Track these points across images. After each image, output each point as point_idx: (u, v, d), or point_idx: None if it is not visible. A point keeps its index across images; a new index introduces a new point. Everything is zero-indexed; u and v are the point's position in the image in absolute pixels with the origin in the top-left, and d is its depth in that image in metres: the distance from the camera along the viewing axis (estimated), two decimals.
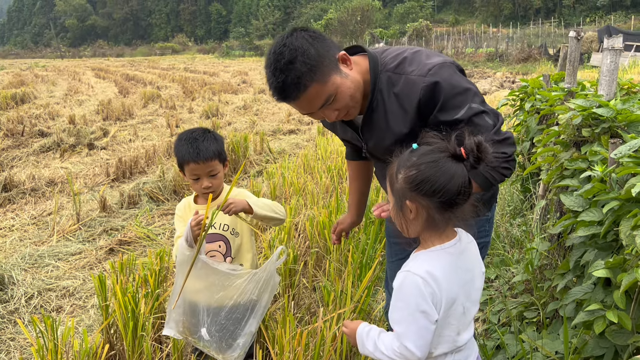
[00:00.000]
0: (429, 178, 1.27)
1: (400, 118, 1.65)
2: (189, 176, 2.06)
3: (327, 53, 1.55)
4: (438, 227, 1.35)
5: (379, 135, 1.74)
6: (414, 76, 1.60)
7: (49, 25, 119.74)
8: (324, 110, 1.60)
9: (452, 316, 1.35)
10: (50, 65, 40.84)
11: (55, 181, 6.34)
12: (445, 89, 1.56)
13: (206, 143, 2.01)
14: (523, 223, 3.57)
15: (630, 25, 42.09)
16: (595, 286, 1.78)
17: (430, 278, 1.30)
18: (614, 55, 2.17)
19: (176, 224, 2.17)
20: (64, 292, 3.64)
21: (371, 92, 1.67)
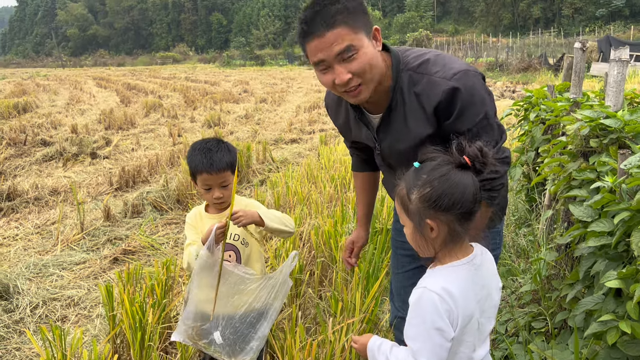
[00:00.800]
0: (444, 192, 1.27)
1: (420, 118, 1.62)
2: (201, 186, 2.07)
3: (368, 16, 1.54)
4: (460, 239, 1.34)
5: (395, 137, 1.70)
6: (438, 77, 1.57)
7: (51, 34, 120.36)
8: (340, 63, 1.51)
9: (468, 333, 1.34)
10: (52, 74, 40.99)
11: (59, 190, 6.35)
12: (466, 98, 1.55)
13: (220, 154, 2.03)
14: (529, 233, 3.57)
15: (630, 35, 42.31)
16: (606, 297, 1.79)
17: (446, 295, 1.28)
18: (620, 67, 2.19)
19: (187, 232, 2.17)
20: (69, 302, 3.64)
21: (392, 90, 1.63)
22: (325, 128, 11.06)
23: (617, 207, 1.71)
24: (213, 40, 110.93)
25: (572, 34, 55.50)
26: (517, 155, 3.84)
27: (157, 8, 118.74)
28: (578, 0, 67.77)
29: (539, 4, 72.62)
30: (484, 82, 1.65)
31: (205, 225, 2.11)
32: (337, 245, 3.41)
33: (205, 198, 2.14)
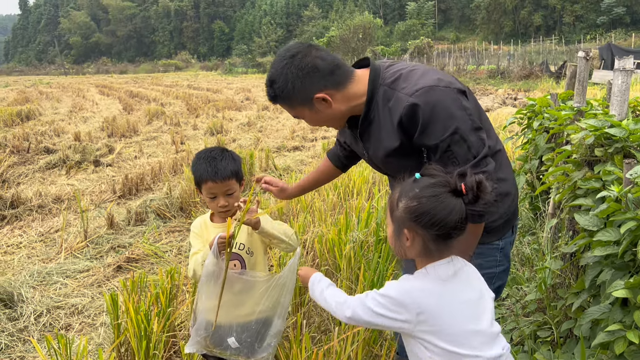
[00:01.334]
0: (429, 211, 1.35)
1: (389, 131, 1.75)
2: (206, 194, 2.08)
3: (304, 91, 1.73)
4: (432, 256, 1.43)
5: (375, 146, 1.85)
6: (402, 94, 1.67)
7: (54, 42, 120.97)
8: (301, 119, 1.86)
9: (458, 335, 1.38)
10: (55, 82, 41.16)
11: (62, 198, 6.36)
12: (425, 113, 1.61)
13: (224, 162, 2.04)
14: (534, 241, 3.57)
15: (631, 42, 42.40)
16: (613, 306, 1.79)
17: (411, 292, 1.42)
18: (625, 76, 2.20)
19: (192, 241, 2.18)
20: (73, 310, 3.64)
21: (367, 104, 1.78)
22: (327, 136, 11.09)
23: (624, 217, 1.71)
24: (215, 48, 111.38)
25: (573, 41, 55.66)
26: (521, 163, 3.85)
27: (159, 16, 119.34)
28: (579, 8, 68.00)
29: (540, 11, 72.85)
30: (464, 97, 1.67)
31: (210, 234, 2.12)
32: (342, 253, 3.41)
33: (210, 207, 2.14)
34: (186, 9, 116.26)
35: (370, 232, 3.78)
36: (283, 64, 1.73)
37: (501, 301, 3.23)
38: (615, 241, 1.76)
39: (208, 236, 2.11)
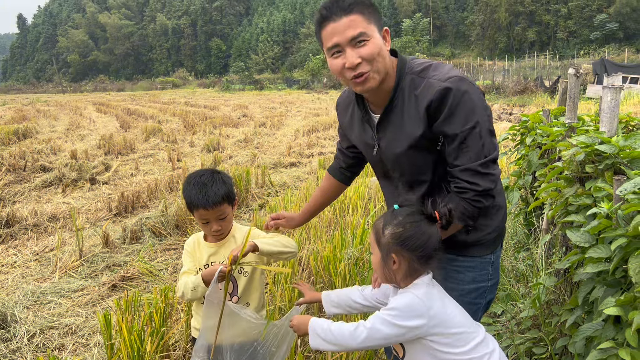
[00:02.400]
0: (412, 236, 1.56)
1: (414, 118, 1.71)
2: (199, 220, 2.07)
3: (379, 16, 1.70)
4: (418, 274, 1.62)
5: (391, 136, 1.79)
6: (434, 80, 1.67)
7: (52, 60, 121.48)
8: (352, 47, 1.63)
9: (462, 325, 1.59)
10: (52, 100, 41.26)
11: (58, 216, 6.35)
12: (455, 99, 1.62)
13: (215, 187, 2.01)
14: (528, 257, 3.57)
15: (624, 57, 42.81)
16: (606, 323, 1.78)
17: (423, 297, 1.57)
18: (614, 93, 2.22)
19: (184, 259, 2.17)
20: (67, 330, 3.61)
21: (394, 90, 1.74)
22: (324, 152, 11.12)
23: (614, 234, 1.72)
24: (212, 65, 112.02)
25: (567, 56, 56.20)
26: (515, 179, 3.86)
27: (157, 34, 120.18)
28: (572, 24, 68.75)
29: (534, 27, 73.61)
30: (483, 97, 1.71)
31: (203, 254, 2.11)
32: (337, 271, 3.41)
33: (204, 230, 2.14)
34: (183, 27, 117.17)
35: (365, 249, 3.78)
36: None
37: (496, 317, 3.22)
38: (607, 258, 1.76)
39: (200, 256, 2.11)
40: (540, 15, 72.94)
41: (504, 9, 74.11)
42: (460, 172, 1.67)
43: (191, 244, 2.19)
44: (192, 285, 1.97)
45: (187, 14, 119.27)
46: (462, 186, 1.68)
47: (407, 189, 1.85)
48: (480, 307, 1.96)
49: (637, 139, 2.12)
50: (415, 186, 1.84)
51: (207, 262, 2.11)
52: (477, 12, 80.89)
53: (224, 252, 2.11)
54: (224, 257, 2.10)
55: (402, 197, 1.74)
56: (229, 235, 2.14)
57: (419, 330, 1.55)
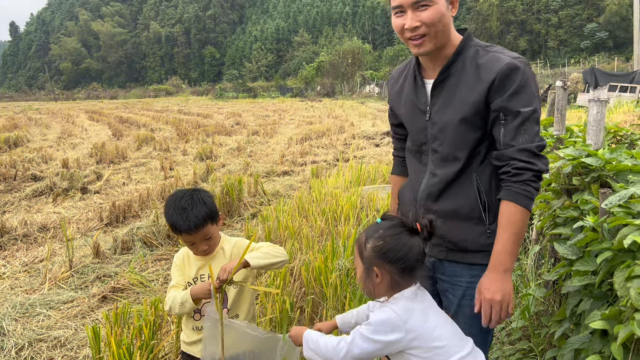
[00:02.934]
0: (392, 248, 1.57)
1: (472, 86, 1.72)
2: (184, 242, 2.05)
3: None
4: (400, 287, 1.61)
5: (445, 102, 1.78)
6: (503, 55, 1.71)
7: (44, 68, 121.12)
8: (413, 10, 1.67)
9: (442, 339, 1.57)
10: (44, 108, 41.09)
11: (48, 226, 6.31)
12: (523, 78, 1.66)
13: (195, 210, 1.98)
14: (518, 267, 3.58)
15: (614, 66, 43.21)
16: (593, 335, 1.79)
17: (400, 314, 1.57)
18: (600, 106, 2.24)
19: (173, 273, 2.15)
20: (55, 343, 3.58)
21: (455, 55, 1.76)
22: (317, 160, 11.13)
23: (600, 247, 1.73)
24: (206, 73, 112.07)
25: (558, 65, 56.65)
26: None
27: (150, 42, 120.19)
28: (563, 33, 69.41)
29: (525, 36, 74.27)
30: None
31: (192, 268, 2.10)
32: (328, 282, 3.40)
33: (191, 250, 2.12)
34: (177, 34, 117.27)
35: None
36: None
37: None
38: (593, 271, 1.78)
39: (189, 270, 2.10)
40: (531, 24, 73.64)
41: (496, 17, 74.77)
42: (517, 151, 1.66)
43: (181, 257, 2.18)
44: (181, 300, 1.96)
45: (180, 22, 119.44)
46: (519, 166, 1.66)
47: (440, 163, 1.83)
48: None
49: (622, 152, 2.14)
50: (448, 162, 1.81)
51: (196, 275, 2.11)
52: (469, 21, 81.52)
53: (213, 265, 2.10)
54: (215, 270, 2.08)
55: (430, 174, 1.84)
56: (217, 248, 2.14)
57: (398, 345, 1.56)
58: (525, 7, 74.61)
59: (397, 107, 2.02)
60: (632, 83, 23.41)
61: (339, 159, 10.29)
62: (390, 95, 2.07)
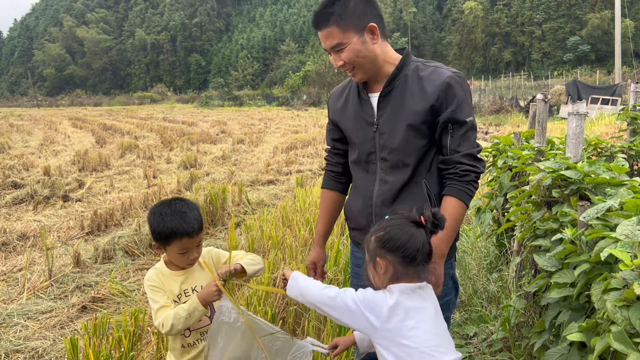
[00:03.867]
0: (392, 237, 1.59)
1: (417, 97, 1.88)
2: (177, 250, 1.95)
3: (362, 16, 1.85)
4: (401, 280, 1.61)
5: (393, 112, 1.93)
6: (443, 69, 1.91)
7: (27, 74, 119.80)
8: (334, 53, 1.89)
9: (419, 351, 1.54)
10: (27, 114, 40.61)
11: (28, 235, 6.21)
12: (465, 91, 1.89)
13: (192, 214, 1.95)
14: (499, 279, 3.60)
15: (596, 79, 43.99)
16: (571, 347, 1.80)
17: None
18: (579, 120, 2.28)
19: (153, 296, 1.98)
20: (33, 354, 3.51)
21: (397, 70, 1.92)
22: (302, 169, 11.13)
23: (578, 259, 1.75)
24: (192, 81, 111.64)
25: (541, 77, 57.50)
26: (487, 200, 3.91)
27: (135, 49, 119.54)
28: (546, 45, 70.56)
29: (509, 48, 75.34)
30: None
31: (173, 284, 2.01)
32: None
33: (178, 261, 2.00)
34: (163, 42, 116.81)
35: (339, 270, 3.77)
36: None
37: (468, 339, 3.23)
38: (571, 283, 1.79)
39: (170, 286, 2.00)
40: (515, 37, 74.76)
41: (480, 29, 75.79)
42: (462, 157, 1.87)
43: (155, 279, 2.02)
44: (186, 313, 1.87)
45: (166, 29, 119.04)
46: (464, 169, 1.86)
47: (389, 171, 1.97)
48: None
49: (601, 165, 2.17)
50: (398, 169, 1.96)
51: (180, 291, 2.02)
52: (454, 33, 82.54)
53: (194, 278, 2.05)
54: (197, 282, 2.04)
55: (381, 180, 1.97)
56: (199, 261, 2.09)
57: (370, 328, 1.58)
58: (510, 20, 75.78)
59: (341, 121, 2.13)
60: (613, 96, 23.85)
61: (324, 168, 10.29)
62: (333, 112, 2.18)
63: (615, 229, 1.59)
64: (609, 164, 2.30)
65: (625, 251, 1.47)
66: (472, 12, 76.91)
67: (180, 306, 1.90)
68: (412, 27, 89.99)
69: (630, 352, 1.31)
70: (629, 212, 1.68)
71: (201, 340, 2.05)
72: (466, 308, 3.61)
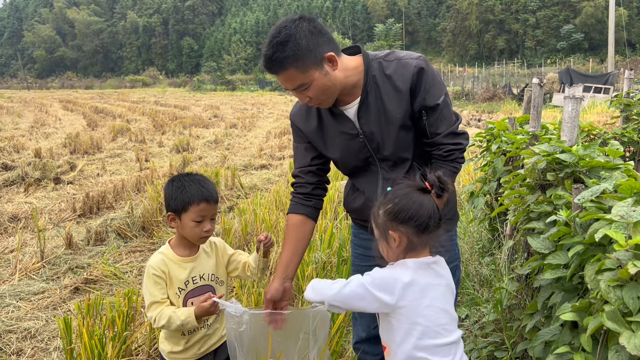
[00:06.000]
0: (403, 208, 1.55)
1: (395, 98, 1.86)
2: (194, 218, 1.92)
3: (316, 49, 1.75)
4: (416, 250, 1.59)
5: (376, 118, 1.90)
6: (406, 59, 1.86)
7: (17, 56, 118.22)
8: (298, 92, 1.82)
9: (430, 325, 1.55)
10: (16, 96, 40.13)
11: (19, 217, 6.17)
12: (429, 74, 1.85)
13: (210, 184, 1.99)
14: (492, 262, 3.63)
15: (589, 67, 44.07)
16: (563, 327, 1.82)
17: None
18: (574, 104, 2.28)
19: (151, 288, 1.92)
20: (25, 334, 3.51)
21: (365, 76, 1.87)
22: None
23: (572, 241, 1.76)
24: (184, 65, 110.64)
25: (534, 65, 57.55)
26: (480, 185, 3.93)
27: (127, 32, 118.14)
28: (540, 33, 70.46)
29: (503, 35, 75.15)
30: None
31: (179, 270, 1.98)
32: (304, 275, 3.41)
33: (192, 233, 1.95)
34: (155, 25, 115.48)
35: (332, 253, 3.78)
36: (293, 25, 1.72)
37: (460, 322, 3.27)
38: (565, 264, 1.81)
39: (177, 272, 1.97)
40: (509, 24, 74.56)
41: (475, 16, 75.49)
42: (443, 137, 1.88)
43: (161, 267, 1.95)
44: (181, 322, 1.86)
45: (158, 12, 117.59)
46: (449, 149, 1.89)
47: (391, 168, 1.98)
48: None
49: (596, 149, 2.18)
50: (398, 165, 1.97)
51: (188, 278, 1.99)
52: (448, 19, 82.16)
53: (202, 264, 2.04)
54: (205, 269, 2.04)
55: (384, 179, 1.96)
56: (199, 248, 2.08)
57: (386, 307, 1.56)
58: (504, 7, 75.49)
59: (323, 142, 2.04)
60: (606, 84, 23.93)
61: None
62: (308, 133, 2.07)
63: (610, 211, 1.61)
64: (604, 148, 2.31)
65: (619, 232, 1.48)
66: None
67: (178, 313, 1.88)
68: (406, 13, 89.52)
69: (623, 330, 1.32)
70: (624, 195, 1.69)
71: (202, 327, 2.05)
72: (459, 291, 3.64)
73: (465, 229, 4.70)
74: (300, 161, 2.15)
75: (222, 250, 2.15)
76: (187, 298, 1.98)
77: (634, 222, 1.46)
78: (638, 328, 1.32)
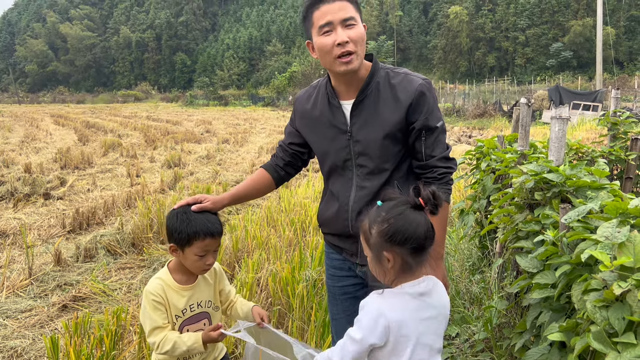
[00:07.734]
0: (399, 229, 1.47)
1: (391, 106, 1.90)
2: (197, 253, 1.89)
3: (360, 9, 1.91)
4: (412, 270, 1.52)
5: (367, 122, 1.94)
6: (413, 76, 1.92)
7: (8, 70, 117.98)
8: (342, 27, 1.82)
9: (404, 349, 1.47)
10: (7, 110, 39.95)
11: (7, 233, 6.12)
12: (433, 97, 1.93)
13: (215, 217, 1.95)
14: (481, 280, 3.64)
15: (577, 84, 44.63)
16: (552, 347, 1.83)
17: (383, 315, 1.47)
18: (561, 124, 2.31)
19: (152, 314, 1.89)
20: (12, 353, 3.46)
21: (369, 77, 1.93)
22: None
23: (559, 260, 1.78)
24: (176, 80, 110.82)
25: (524, 82, 58.20)
26: (470, 202, 3.95)
27: (120, 47, 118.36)
28: (530, 51, 71.45)
29: (493, 53, 76.13)
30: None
31: (177, 298, 1.95)
32: (295, 292, 3.39)
33: (194, 266, 1.93)
34: (148, 40, 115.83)
35: (323, 270, 3.77)
36: None
37: (451, 340, 3.26)
38: (552, 284, 1.82)
39: (176, 300, 1.95)
40: (499, 42, 75.58)
41: (465, 34, 76.47)
42: (437, 160, 1.93)
43: (159, 293, 1.92)
44: (186, 347, 1.85)
45: (152, 27, 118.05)
46: (442, 172, 1.93)
47: (366, 177, 1.98)
48: None
49: (582, 169, 2.21)
50: (375, 175, 1.97)
51: (186, 306, 1.97)
52: (439, 37, 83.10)
53: (200, 292, 2.02)
54: (203, 296, 2.01)
55: (357, 187, 1.97)
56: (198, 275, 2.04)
57: (386, 332, 1.48)
58: (494, 25, 76.61)
59: (310, 129, 2.09)
60: (594, 102, 24.21)
61: (309, 169, 10.29)
62: (301, 119, 2.12)
63: (596, 231, 1.63)
64: (590, 167, 2.34)
65: (605, 253, 1.50)
66: (457, 17, 77.56)
67: (182, 339, 1.87)
68: (398, 31, 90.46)
69: (609, 351, 1.33)
70: (609, 215, 1.72)
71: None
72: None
73: (456, 246, 4.71)
74: (285, 138, 2.26)
75: (220, 277, 2.12)
76: (183, 325, 1.95)
77: (619, 242, 1.48)
78: (624, 349, 1.33)
